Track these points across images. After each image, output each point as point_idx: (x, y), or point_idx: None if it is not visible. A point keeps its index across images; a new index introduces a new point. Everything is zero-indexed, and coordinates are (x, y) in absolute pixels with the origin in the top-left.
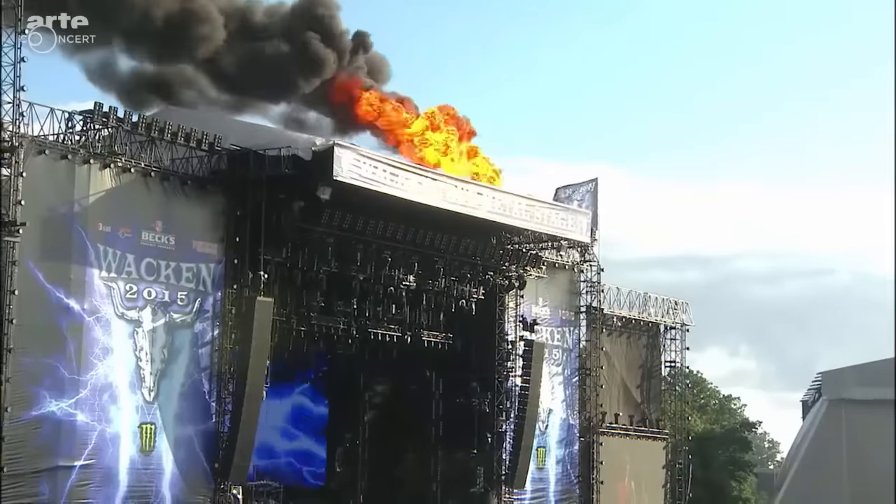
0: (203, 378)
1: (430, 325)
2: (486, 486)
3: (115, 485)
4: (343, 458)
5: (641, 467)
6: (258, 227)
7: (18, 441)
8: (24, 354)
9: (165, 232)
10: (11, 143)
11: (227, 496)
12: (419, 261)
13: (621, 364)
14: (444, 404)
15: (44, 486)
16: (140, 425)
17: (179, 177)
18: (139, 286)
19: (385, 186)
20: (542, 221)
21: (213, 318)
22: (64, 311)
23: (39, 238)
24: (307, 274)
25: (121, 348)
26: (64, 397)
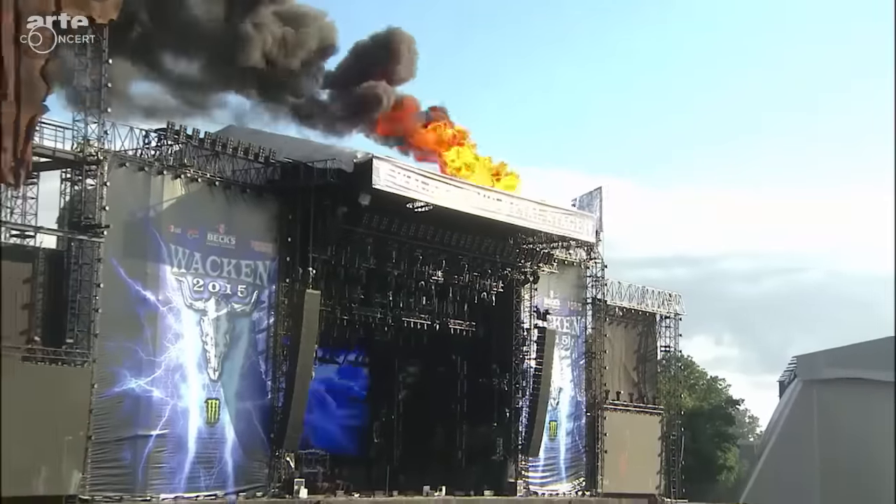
0: (260, 360)
1: (456, 315)
2: (504, 454)
3: (186, 451)
4: (380, 430)
5: (640, 439)
6: (307, 229)
7: (104, 413)
8: (108, 339)
9: (227, 233)
10: (97, 157)
11: (282, 462)
12: (446, 258)
13: (622, 349)
14: (468, 384)
15: (126, 452)
16: (206, 400)
17: (239, 186)
18: (205, 280)
19: (417, 193)
20: (553, 224)
21: (268, 309)
22: (141, 301)
23: (121, 239)
24: (349, 270)
25: (189, 334)
26: (142, 376)
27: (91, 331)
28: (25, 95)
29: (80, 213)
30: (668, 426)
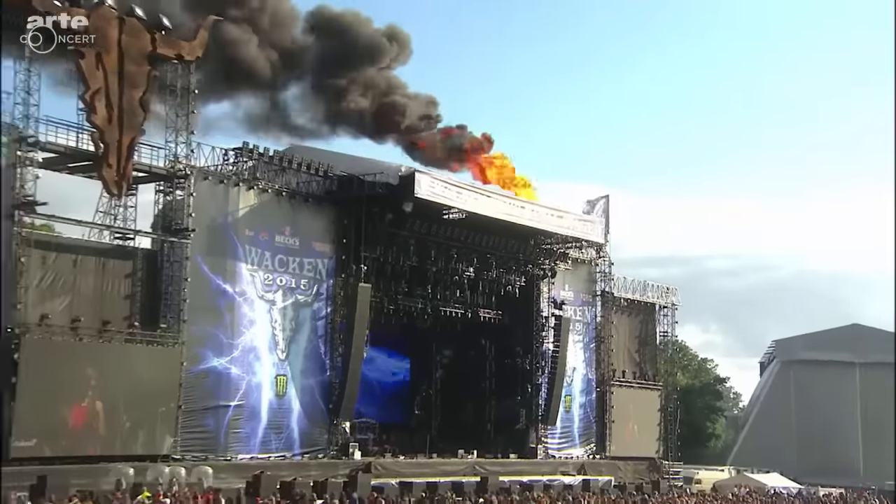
0: (319, 343)
1: (485, 305)
2: (527, 424)
3: (259, 420)
4: (420, 403)
5: (642, 411)
6: (359, 232)
7: (191, 387)
8: (194, 324)
9: (292, 235)
10: (185, 172)
11: (339, 429)
12: (476, 257)
13: (626, 334)
14: (495, 364)
15: (210, 420)
16: (276, 376)
17: (302, 195)
18: (274, 275)
19: (452, 201)
20: (567, 227)
21: (326, 299)
22: (221, 293)
23: (204, 240)
24: (395, 267)
25: (261, 321)
26: (222, 356)
27: (180, 317)
28: (126, 121)
29: (171, 219)
30: (666, 400)
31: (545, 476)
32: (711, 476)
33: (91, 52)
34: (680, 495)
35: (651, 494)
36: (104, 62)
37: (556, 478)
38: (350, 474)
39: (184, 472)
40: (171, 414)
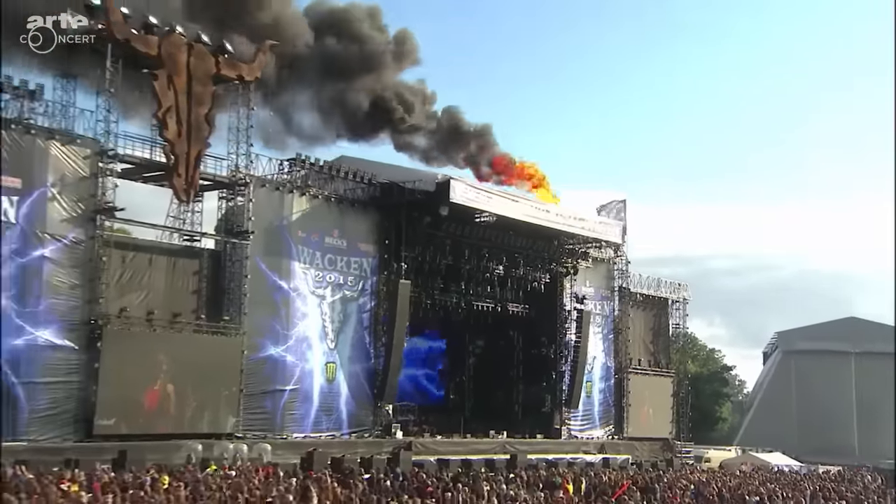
0: (365, 333)
1: (513, 300)
2: (551, 407)
3: (311, 402)
4: (455, 388)
5: (656, 396)
6: (400, 234)
7: (252, 373)
8: (254, 316)
9: (340, 237)
10: (245, 180)
11: (382, 411)
12: (506, 256)
13: (641, 326)
14: (523, 353)
15: (268, 402)
16: (326, 363)
17: (349, 201)
18: (324, 273)
19: (484, 205)
20: (588, 229)
21: (370, 295)
22: (277, 289)
23: (262, 241)
24: (432, 265)
25: (313, 313)
26: (279, 344)
27: (241, 310)
28: (194, 135)
29: (232, 222)
30: (678, 386)
31: (568, 454)
32: (719, 455)
33: (163, 75)
34: (692, 472)
35: (665, 471)
36: (175, 83)
37: (578, 456)
38: (393, 451)
39: (246, 449)
40: (233, 397)
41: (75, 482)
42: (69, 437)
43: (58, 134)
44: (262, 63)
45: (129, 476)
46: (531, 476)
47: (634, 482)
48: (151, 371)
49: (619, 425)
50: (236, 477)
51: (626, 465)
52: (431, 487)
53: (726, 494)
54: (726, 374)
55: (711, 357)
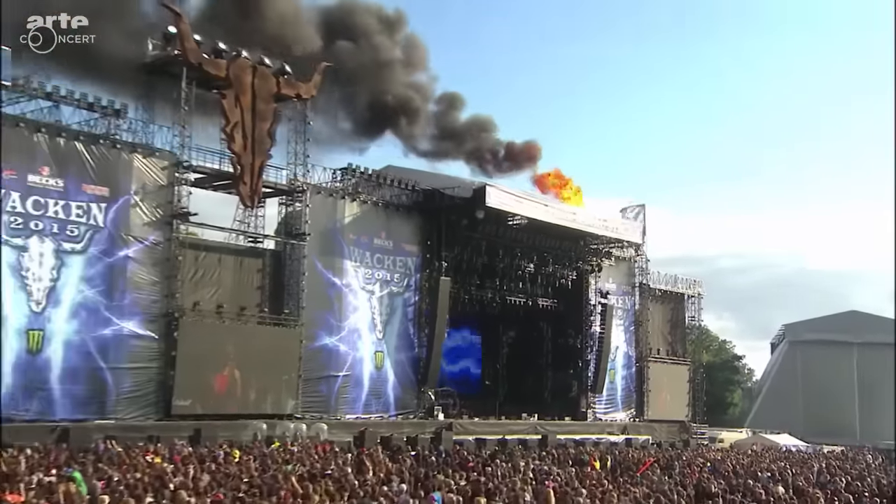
0: (409, 325)
1: (543, 295)
2: (578, 392)
3: (362, 387)
4: (490, 376)
5: (673, 382)
6: (441, 235)
7: (309, 360)
8: (311, 310)
9: (387, 238)
10: (302, 188)
11: (425, 396)
12: (536, 255)
13: (660, 319)
14: (552, 343)
15: (323, 387)
16: (375, 352)
17: (395, 206)
18: (373, 271)
19: (516, 209)
20: (611, 230)
21: (414, 290)
22: (331, 285)
23: (318, 242)
24: (469, 263)
25: (363, 307)
26: (333, 335)
27: (299, 304)
28: (257, 148)
29: (291, 225)
30: (693, 374)
31: (594, 435)
32: (731, 437)
33: (231, 94)
34: (707, 451)
35: (683, 450)
36: (241, 102)
37: (603, 436)
38: (436, 431)
39: (305, 428)
40: (293, 381)
41: (158, 455)
42: (150, 416)
43: (139, 148)
44: (318, 82)
45: (205, 450)
46: (561, 454)
47: (656, 460)
48: (221, 358)
49: (640, 409)
50: (298, 452)
51: (646, 444)
52: (472, 462)
53: (740, 471)
54: (736, 363)
55: (723, 347)
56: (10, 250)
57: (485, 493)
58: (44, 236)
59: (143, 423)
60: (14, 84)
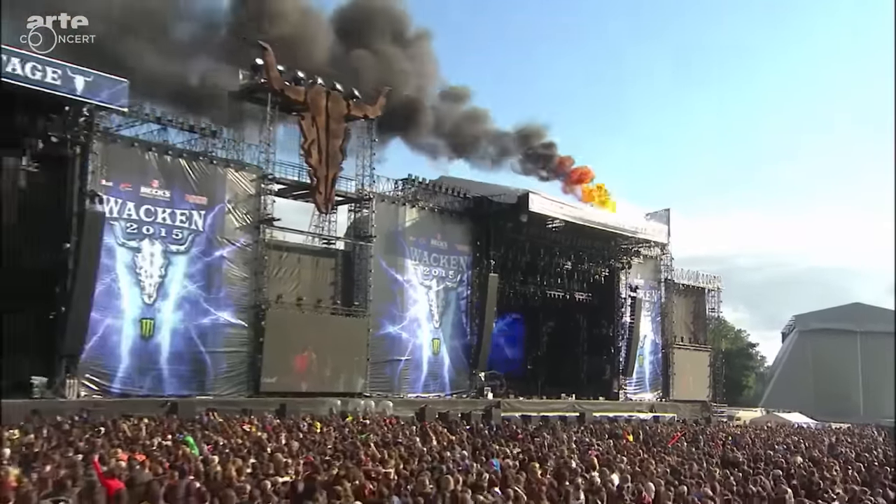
0: (462, 316)
1: (579, 289)
2: (611, 375)
3: (421, 370)
4: (532, 360)
5: (695, 367)
6: (489, 237)
7: (376, 346)
8: (377, 302)
9: (442, 240)
10: (369, 196)
11: (476, 377)
12: (573, 253)
13: (683, 310)
14: (587, 333)
15: (388, 369)
16: (432, 339)
17: (449, 211)
18: (430, 268)
19: (555, 213)
20: (640, 231)
21: (466, 285)
22: (394, 281)
23: (383, 244)
24: (514, 261)
25: (422, 300)
26: (396, 324)
27: (367, 297)
28: (330, 161)
29: (359, 229)
30: (713, 359)
31: (625, 413)
32: (748, 415)
33: (308, 116)
34: (727, 427)
35: (705, 426)
36: (317, 122)
37: (633, 414)
38: (486, 409)
39: (373, 404)
40: (362, 364)
41: (253, 425)
42: (243, 392)
43: (232, 163)
44: (382, 104)
45: (290, 422)
46: (597, 428)
47: (683, 433)
48: (300, 344)
49: (666, 390)
50: (370, 424)
51: (672, 421)
52: (521, 435)
53: (759, 443)
54: (751, 350)
55: (738, 337)
56: (126, 251)
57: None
58: (154, 239)
59: (237, 398)
60: (130, 111)
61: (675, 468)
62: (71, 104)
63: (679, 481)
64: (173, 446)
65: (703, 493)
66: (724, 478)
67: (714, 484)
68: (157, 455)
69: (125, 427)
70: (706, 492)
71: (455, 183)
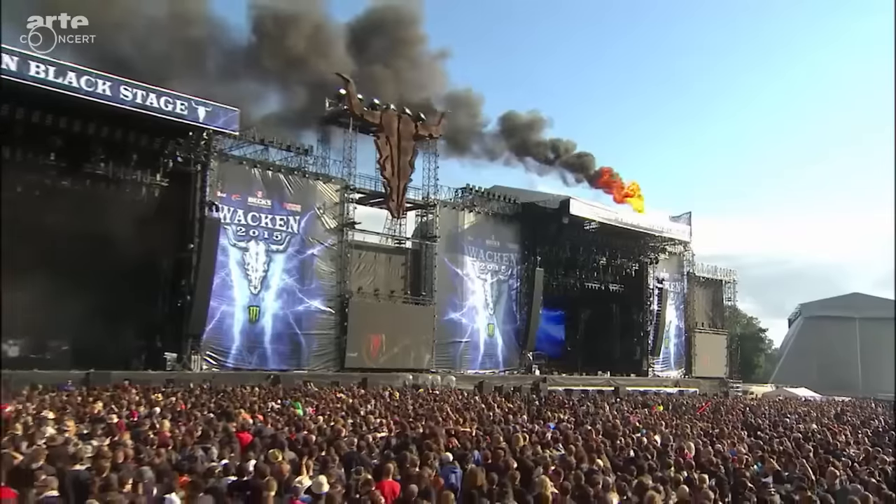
0: (513, 305)
1: (612, 281)
2: (640, 355)
3: (478, 350)
4: (572, 343)
5: (714, 349)
6: (535, 237)
7: (440, 329)
8: (440, 293)
9: (495, 240)
10: (433, 203)
11: (525, 357)
12: (607, 250)
13: (704, 300)
14: (619, 318)
15: (450, 349)
16: (487, 324)
17: (501, 215)
18: (485, 264)
19: (592, 216)
20: (665, 231)
21: (516, 278)
22: (455, 275)
23: (445, 243)
24: (556, 258)
25: (478, 291)
26: (456, 311)
27: (432, 289)
28: (401, 174)
29: (425, 231)
30: (729, 342)
31: (654, 387)
32: (760, 389)
33: (383, 136)
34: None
35: (724, 399)
36: (390, 141)
37: (661, 388)
38: (534, 383)
39: (439, 378)
40: (428, 344)
41: (343, 393)
42: (331, 367)
43: (321, 176)
44: (444, 125)
45: (374, 391)
46: (631, 399)
47: (709, 403)
48: (377, 327)
49: (689, 368)
50: (440, 394)
51: (694, 395)
52: (568, 404)
53: (773, 412)
54: (761, 334)
55: (750, 323)
56: (237, 250)
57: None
58: (258, 240)
59: (326, 372)
60: (240, 134)
61: (708, 431)
62: (194, 130)
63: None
64: (284, 408)
65: (736, 450)
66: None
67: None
68: (273, 415)
69: (243, 393)
70: (740, 449)
71: (506, 191)
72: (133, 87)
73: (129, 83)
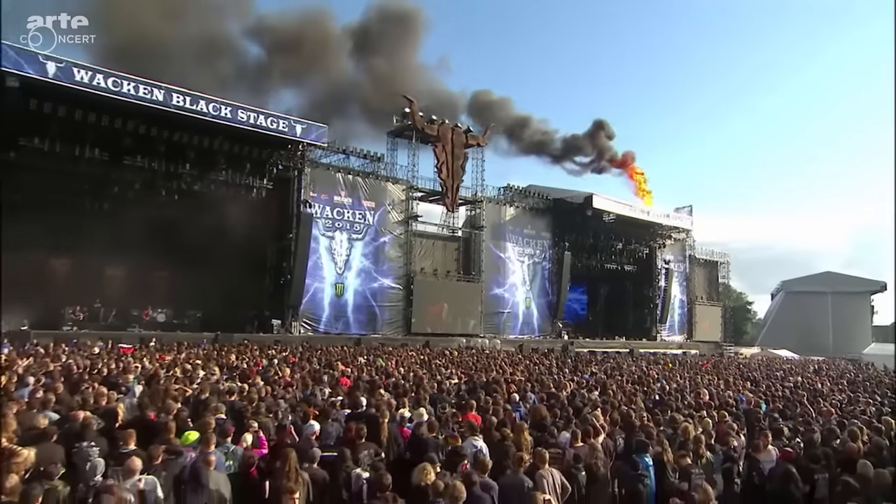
0: (546, 282)
1: (627, 263)
2: (650, 323)
3: (518, 319)
4: (593, 313)
5: (711, 318)
6: (564, 226)
7: (487, 302)
8: (487, 273)
9: (531, 229)
10: (481, 199)
11: (556, 324)
12: (623, 237)
13: (702, 278)
14: (633, 293)
15: (495, 319)
16: (525, 298)
17: (535, 209)
18: (523, 249)
19: (611, 209)
20: (672, 221)
21: (548, 261)
22: (498, 258)
23: (490, 232)
24: (581, 243)
25: (517, 271)
26: (500, 287)
27: (480, 269)
28: (455, 175)
29: (474, 222)
30: (723, 312)
31: (662, 349)
32: (748, 351)
33: (440, 145)
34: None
35: (720, 358)
36: (445, 149)
37: (668, 350)
38: (563, 346)
39: (487, 342)
40: (477, 314)
41: (413, 351)
42: (399, 333)
43: (390, 178)
44: (490, 135)
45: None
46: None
47: (709, 360)
48: (436, 300)
49: (690, 333)
50: (490, 353)
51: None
52: (593, 361)
53: (763, 368)
54: (748, 306)
55: (740, 297)
56: (325, 239)
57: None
58: (342, 231)
59: (396, 337)
60: (328, 146)
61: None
62: (292, 143)
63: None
64: (369, 362)
65: (743, 395)
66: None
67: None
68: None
69: (334, 351)
70: (746, 394)
71: (539, 189)
72: (247, 111)
73: (243, 107)
